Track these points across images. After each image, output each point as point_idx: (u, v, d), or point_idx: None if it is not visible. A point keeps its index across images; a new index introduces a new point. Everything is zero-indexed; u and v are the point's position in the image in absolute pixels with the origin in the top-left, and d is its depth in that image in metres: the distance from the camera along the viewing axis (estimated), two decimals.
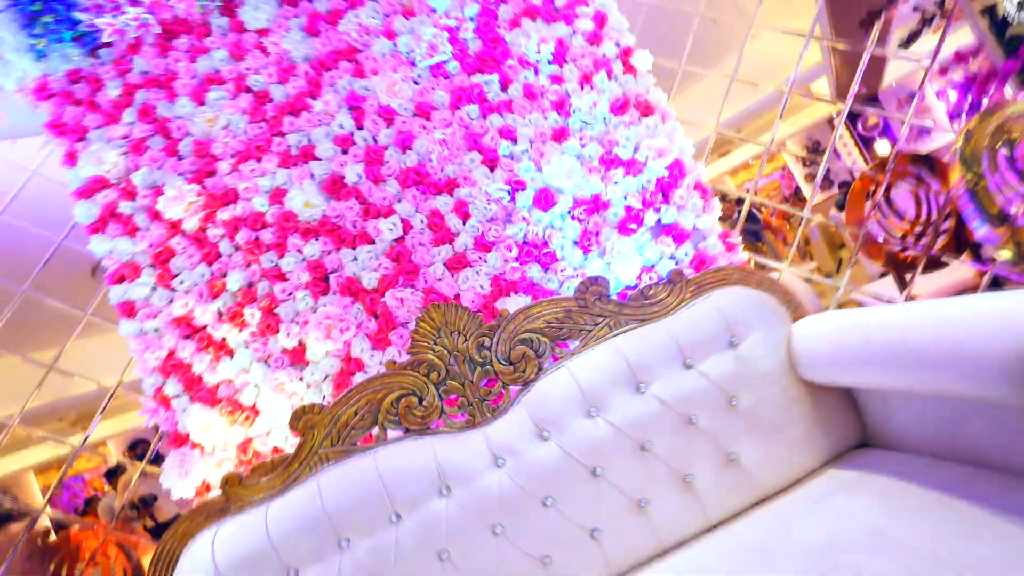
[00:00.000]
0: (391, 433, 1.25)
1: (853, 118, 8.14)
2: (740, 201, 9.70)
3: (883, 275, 3.62)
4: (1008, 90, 1.49)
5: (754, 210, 9.49)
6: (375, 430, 1.25)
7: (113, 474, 5.01)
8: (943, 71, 1.60)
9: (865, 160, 8.78)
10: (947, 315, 0.84)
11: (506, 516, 1.13)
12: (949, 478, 0.94)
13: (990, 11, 1.79)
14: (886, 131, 8.41)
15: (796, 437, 1.19)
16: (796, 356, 1.21)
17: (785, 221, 9.56)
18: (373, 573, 1.08)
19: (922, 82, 1.73)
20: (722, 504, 1.18)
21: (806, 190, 9.57)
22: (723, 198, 8.87)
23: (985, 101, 1.57)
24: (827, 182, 9.08)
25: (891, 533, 0.86)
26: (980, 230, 1.35)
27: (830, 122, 8.56)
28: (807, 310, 1.31)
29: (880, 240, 1.88)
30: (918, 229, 2.09)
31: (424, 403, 1.24)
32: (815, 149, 8.80)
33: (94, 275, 4.17)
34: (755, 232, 9.46)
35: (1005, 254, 1.35)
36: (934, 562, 0.76)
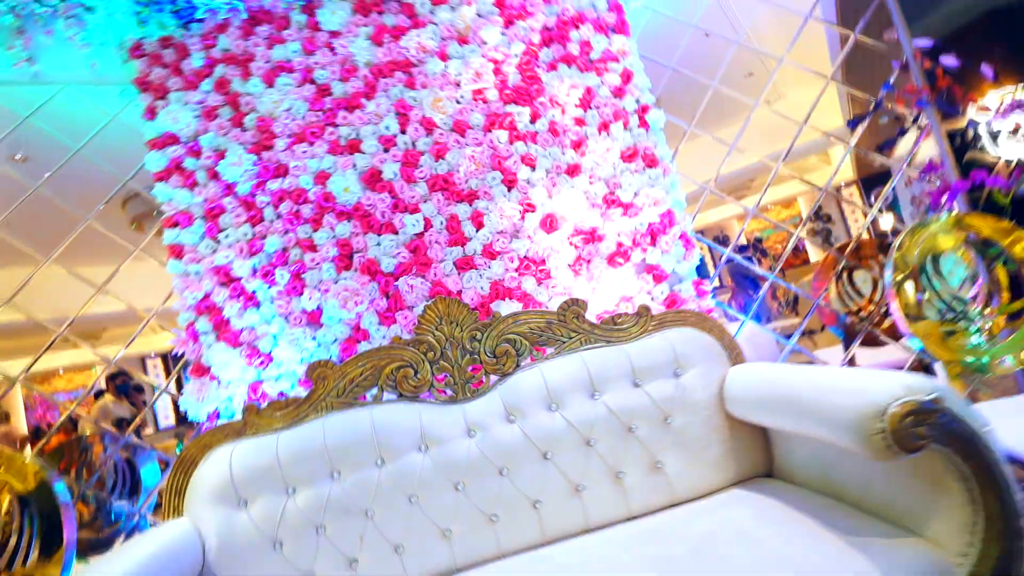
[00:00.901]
0: (387, 395, 1.51)
1: (868, 187, 8.43)
2: (743, 247, 10.01)
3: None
4: (953, 206, 1.75)
5: (754, 259, 9.80)
6: (374, 390, 1.51)
7: (101, 395, 5.24)
8: (922, 173, 1.86)
9: (868, 229, 9.05)
10: (823, 381, 1.11)
11: (468, 477, 1.39)
12: (816, 505, 1.20)
13: (961, 134, 2.06)
14: (894, 205, 8.69)
15: (713, 458, 1.46)
16: (725, 393, 1.47)
17: (782, 273, 9.83)
18: (355, 501, 1.34)
19: (889, 184, 2.00)
20: (644, 501, 1.44)
21: (809, 246, 9.86)
22: (723, 241, 9.15)
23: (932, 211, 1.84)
24: (827, 244, 9.38)
25: (756, 536, 1.12)
26: (899, 319, 1.61)
27: (838, 189, 8.84)
28: (745, 358, 1.58)
29: (832, 311, 2.15)
30: (871, 308, 2.36)
31: (418, 376, 1.50)
32: (817, 212, 9.08)
33: (124, 207, 4.42)
34: (753, 280, 9.74)
35: (915, 343, 1.61)
36: (776, 559, 1.03)
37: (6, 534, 1.45)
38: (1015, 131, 1.71)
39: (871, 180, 8.46)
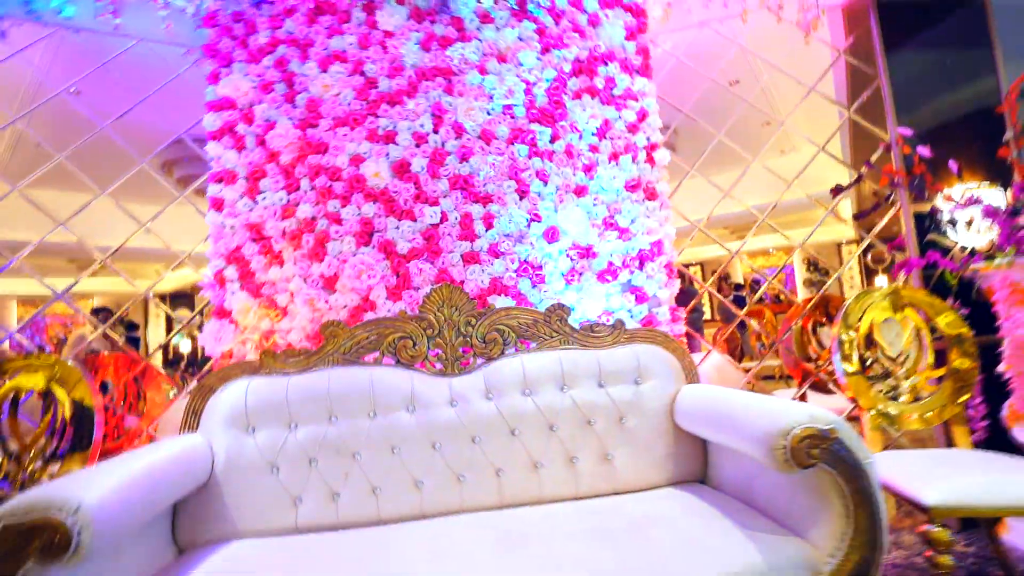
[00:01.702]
0: (386, 360, 1.73)
1: (868, 246, 8.71)
2: (739, 286, 10.27)
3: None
4: (909, 278, 1.97)
5: (745, 296, 10.06)
6: (376, 354, 1.73)
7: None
8: (891, 247, 2.10)
9: (863, 287, 9.31)
10: (752, 405, 1.34)
11: (445, 439, 1.62)
12: (734, 508, 1.43)
13: (931, 215, 2.30)
14: (889, 268, 8.95)
15: (656, 459, 1.68)
16: (676, 406, 1.70)
17: (774, 317, 10.09)
18: (346, 444, 1.56)
19: (859, 248, 2.22)
20: (591, 485, 1.66)
21: (802, 293, 10.11)
22: (726, 279, 9.38)
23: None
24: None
25: (678, 523, 1.35)
26: (839, 370, 1.84)
27: (838, 245, 9.10)
28: (700, 378, 1.81)
29: (793, 354, 2.39)
30: (827, 358, 2.59)
31: (416, 348, 1.73)
32: (814, 264, 9.34)
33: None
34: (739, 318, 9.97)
35: (849, 393, 1.84)
36: (690, 540, 1.25)
37: (41, 431, 1.67)
38: (969, 223, 1.95)
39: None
